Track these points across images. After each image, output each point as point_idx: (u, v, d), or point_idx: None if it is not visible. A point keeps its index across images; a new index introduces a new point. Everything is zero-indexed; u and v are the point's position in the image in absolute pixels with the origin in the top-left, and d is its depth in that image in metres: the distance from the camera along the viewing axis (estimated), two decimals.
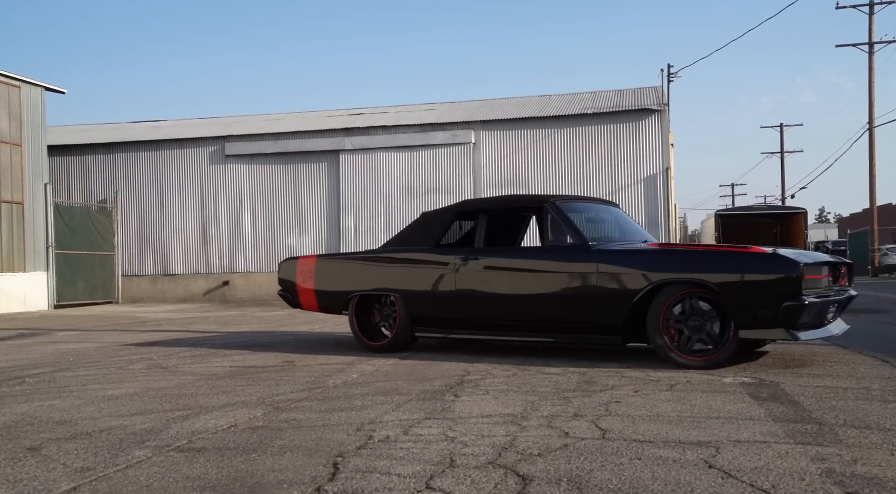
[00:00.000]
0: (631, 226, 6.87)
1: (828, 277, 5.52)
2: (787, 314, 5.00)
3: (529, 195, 6.54)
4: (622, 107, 16.62)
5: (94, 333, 9.83)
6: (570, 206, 6.26)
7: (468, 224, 7.20)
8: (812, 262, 5.25)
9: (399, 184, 17.39)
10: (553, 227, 6.09)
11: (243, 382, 5.22)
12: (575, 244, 5.91)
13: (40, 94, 16.53)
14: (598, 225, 6.64)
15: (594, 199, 7.14)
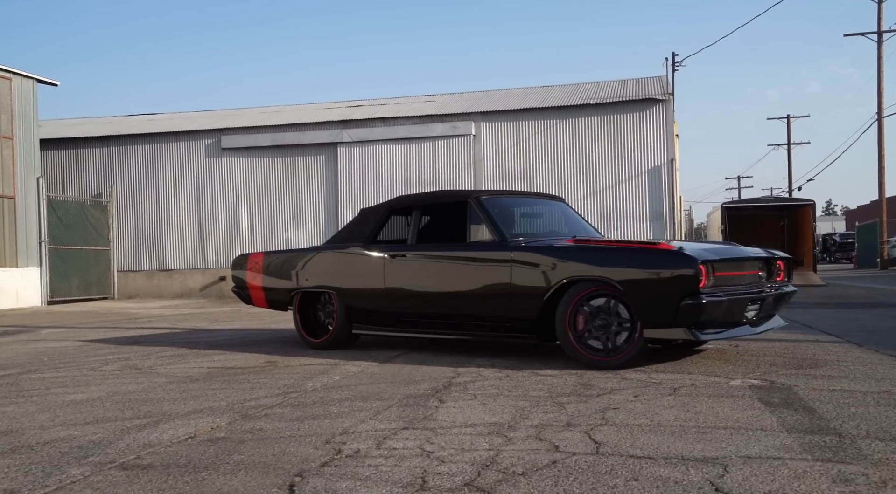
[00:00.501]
0: (576, 222, 6.72)
1: (756, 273, 5.38)
2: (687, 312, 4.80)
3: (458, 190, 6.50)
4: (626, 98, 16.22)
5: (79, 330, 9.53)
6: (494, 202, 6.10)
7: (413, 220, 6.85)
8: (720, 258, 5.05)
9: (398, 177, 17.03)
10: (475, 223, 5.95)
11: (217, 385, 4.89)
12: (493, 240, 5.78)
13: (32, 87, 16.22)
14: (534, 220, 6.57)
15: (535, 195, 7.16)
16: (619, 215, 16.00)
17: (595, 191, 16.16)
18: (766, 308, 5.43)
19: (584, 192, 16.20)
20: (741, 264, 5.30)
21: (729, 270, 5.14)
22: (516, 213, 6.38)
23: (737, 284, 5.19)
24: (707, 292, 4.83)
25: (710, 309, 4.86)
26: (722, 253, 5.24)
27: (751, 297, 5.17)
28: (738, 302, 5.07)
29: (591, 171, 16.24)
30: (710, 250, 5.20)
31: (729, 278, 5.12)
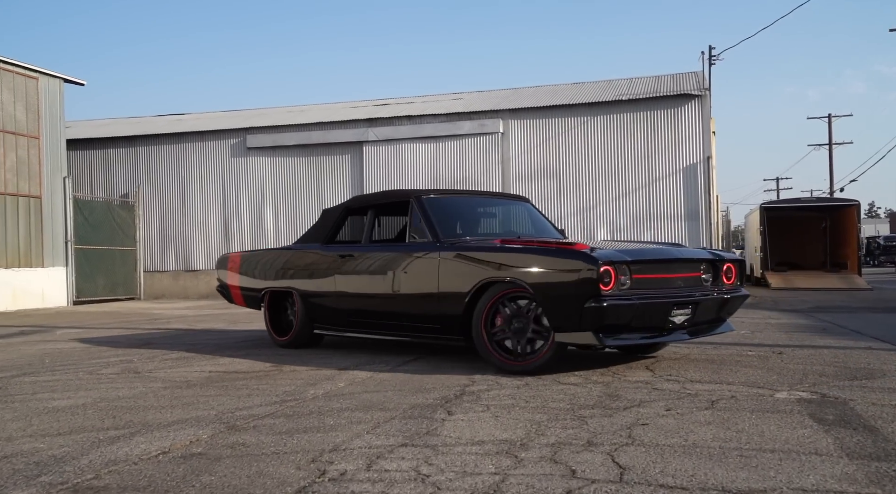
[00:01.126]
0: (539, 223, 6.53)
1: (696, 275, 5.12)
2: (590, 316, 4.56)
3: (404, 190, 6.36)
4: (660, 93, 15.65)
5: (94, 331, 9.31)
6: (434, 202, 5.93)
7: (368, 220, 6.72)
8: (639, 260, 4.81)
9: (424, 176, 16.66)
10: (415, 223, 5.82)
11: (213, 391, 4.54)
12: (428, 240, 5.64)
13: (59, 86, 16.18)
14: (491, 221, 6.44)
15: (495, 194, 6.94)
16: (651, 215, 15.43)
17: (627, 191, 15.61)
18: (702, 313, 5.09)
19: (616, 192, 15.67)
20: (670, 266, 5.03)
21: (653, 272, 4.90)
22: (463, 214, 6.23)
23: (663, 287, 4.92)
24: (612, 295, 4.56)
25: (616, 313, 4.59)
26: (644, 255, 5.01)
27: (677, 302, 4.85)
28: (656, 306, 4.77)
29: (622, 170, 15.70)
30: (630, 251, 4.95)
31: (653, 281, 4.88)
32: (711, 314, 5.23)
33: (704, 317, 5.18)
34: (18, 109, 15.08)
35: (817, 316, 9.93)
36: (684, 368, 5.13)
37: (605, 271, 4.53)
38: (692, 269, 5.14)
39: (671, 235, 15.30)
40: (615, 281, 4.59)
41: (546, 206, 15.97)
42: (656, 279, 4.92)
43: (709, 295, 5.11)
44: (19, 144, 15.07)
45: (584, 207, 15.80)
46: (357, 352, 6.31)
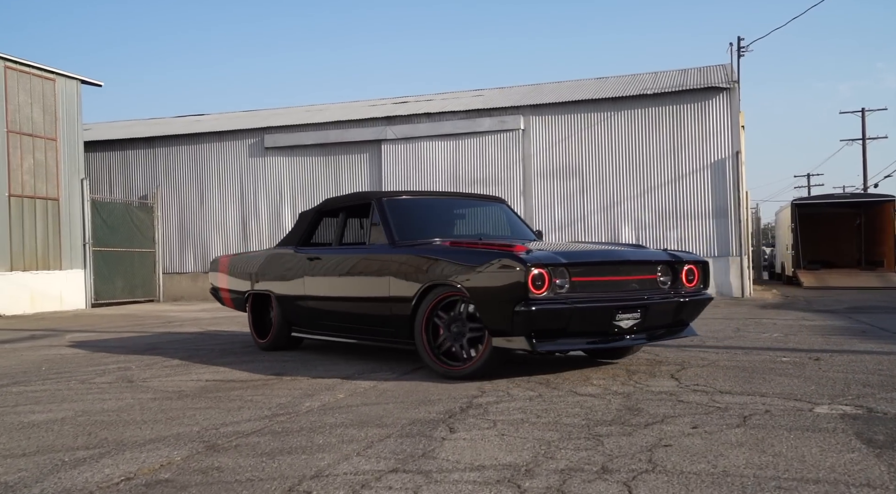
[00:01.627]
0: (514, 224, 6.40)
1: (651, 278, 4.94)
2: (520, 320, 4.37)
3: (369, 191, 6.42)
4: (686, 87, 15.14)
5: (103, 336, 9.11)
6: (395, 203, 5.86)
7: (339, 222, 6.58)
8: (579, 262, 4.63)
9: (443, 175, 16.33)
10: (375, 224, 5.75)
11: (203, 404, 4.25)
12: (384, 242, 5.56)
13: (76, 88, 16.11)
14: (461, 222, 6.30)
15: (468, 195, 6.96)
16: (678, 213, 14.94)
17: (652, 187, 15.13)
18: (655, 317, 4.85)
19: (641, 189, 15.20)
20: (618, 268, 4.86)
21: (597, 275, 4.73)
22: (426, 216, 6.10)
23: (609, 291, 4.74)
24: (545, 299, 4.39)
25: (549, 318, 4.41)
26: (585, 257, 4.85)
27: (622, 306, 4.63)
28: (597, 310, 4.57)
29: (648, 166, 15.22)
30: (570, 253, 4.77)
31: (597, 284, 4.72)
32: (667, 318, 4.97)
33: (659, 322, 4.93)
34: (35, 111, 15.01)
35: (855, 317, 9.43)
36: (712, 376, 4.73)
37: (538, 274, 4.37)
38: (647, 272, 4.96)
39: (698, 233, 14.81)
40: (549, 284, 4.42)
41: (568, 204, 15.56)
42: (601, 282, 4.74)
43: (663, 299, 4.87)
44: (36, 146, 15.00)
45: (608, 205, 15.36)
46: (364, 359, 6.00)
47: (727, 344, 6.56)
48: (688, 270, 5.11)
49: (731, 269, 14.62)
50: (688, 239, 14.86)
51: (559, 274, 4.50)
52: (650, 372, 5.01)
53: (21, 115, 14.65)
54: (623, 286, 4.84)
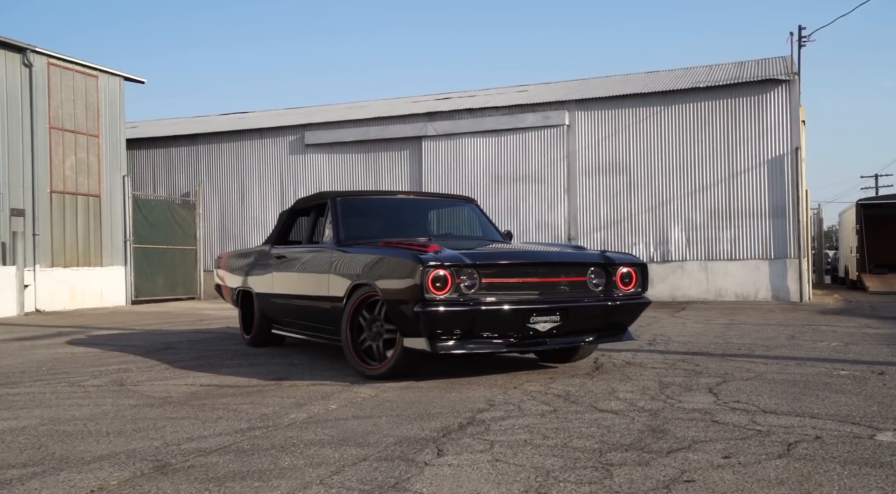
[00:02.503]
0: (483, 225, 6.31)
1: (579, 280, 4.80)
2: (421, 321, 4.30)
3: (330, 191, 6.16)
4: (742, 79, 14.32)
5: (127, 333, 8.91)
6: (348, 202, 5.86)
7: (309, 221, 6.68)
8: (480, 263, 4.45)
9: (485, 172, 15.84)
10: (327, 223, 5.78)
11: (182, 413, 3.87)
12: (331, 241, 5.58)
13: (118, 85, 16.15)
14: (425, 222, 6.20)
15: (433, 195, 6.87)
16: (731, 213, 14.13)
17: (705, 186, 14.36)
18: (578, 320, 4.70)
19: (693, 187, 14.44)
20: (537, 270, 4.69)
21: (512, 276, 4.60)
22: (381, 216, 6.13)
23: (526, 291, 4.60)
24: (447, 300, 4.29)
25: (448, 319, 4.30)
26: (498, 257, 4.74)
27: (538, 308, 4.51)
28: (507, 312, 4.42)
29: (700, 163, 14.45)
30: (481, 254, 4.66)
31: (513, 285, 4.58)
32: (596, 321, 4.82)
33: (585, 325, 4.79)
34: (78, 108, 15.08)
35: None
36: (757, 392, 4.16)
37: (439, 275, 4.29)
38: (575, 274, 4.83)
39: (754, 234, 13.98)
40: (452, 285, 4.33)
41: (615, 203, 14.90)
42: (518, 283, 4.60)
43: (588, 302, 4.73)
44: (78, 143, 15.07)
45: (657, 204, 14.64)
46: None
47: (778, 354, 5.93)
48: (623, 273, 4.94)
49: (789, 272, 13.76)
50: (742, 240, 14.05)
51: (465, 275, 4.39)
52: (686, 384, 4.45)
53: (63, 112, 14.72)
54: (546, 288, 4.68)
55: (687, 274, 14.37)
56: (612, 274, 4.89)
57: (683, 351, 6.22)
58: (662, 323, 9.26)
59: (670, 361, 5.55)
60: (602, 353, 6.06)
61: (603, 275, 4.89)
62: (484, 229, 6.25)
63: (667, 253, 14.54)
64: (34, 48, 14.05)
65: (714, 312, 11.12)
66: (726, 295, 14.08)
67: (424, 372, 5.07)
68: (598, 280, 4.87)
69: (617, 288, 4.89)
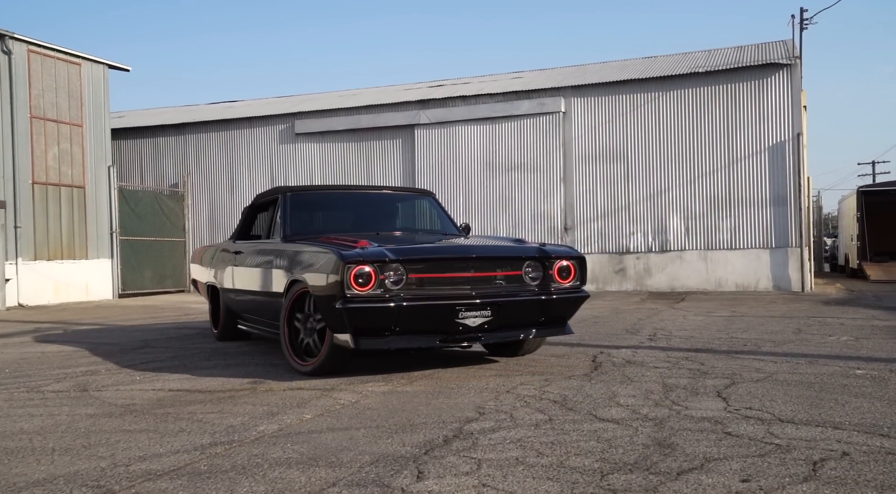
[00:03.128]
0: (440, 219, 6.22)
1: (514, 274, 4.74)
2: (343, 317, 4.28)
3: (283, 187, 6.28)
4: (742, 64, 13.94)
5: (107, 329, 8.56)
6: (298, 197, 5.85)
7: (268, 217, 6.58)
8: (406, 258, 4.40)
9: (479, 161, 15.46)
10: (277, 218, 5.79)
11: (142, 425, 3.53)
12: (279, 237, 5.59)
13: (103, 72, 15.71)
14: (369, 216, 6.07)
15: (390, 189, 6.83)
16: (731, 200, 13.79)
17: (704, 173, 14.01)
18: (510, 315, 4.65)
19: (692, 174, 14.09)
20: (467, 264, 4.63)
21: (441, 271, 4.55)
22: (332, 211, 6.11)
23: (456, 286, 4.53)
24: (369, 297, 4.28)
25: (369, 316, 4.28)
26: (426, 253, 4.74)
27: (466, 303, 4.45)
28: (433, 308, 4.39)
29: (699, 150, 14.09)
30: (408, 249, 4.62)
31: (443, 280, 4.53)
32: (531, 316, 4.75)
33: (518, 320, 4.74)
34: (60, 96, 14.65)
35: None
36: (770, 396, 3.83)
37: (361, 271, 4.27)
38: (510, 267, 4.76)
39: (754, 222, 13.64)
40: (375, 281, 4.31)
41: (612, 192, 14.55)
42: (447, 278, 4.55)
43: (523, 296, 4.66)
44: (61, 133, 14.65)
45: (655, 192, 14.30)
46: (363, 362, 5.23)
47: (787, 351, 5.60)
48: (561, 266, 4.86)
49: (790, 261, 13.44)
50: (742, 228, 13.72)
51: (391, 271, 4.35)
52: (692, 387, 4.12)
53: (45, 101, 14.30)
54: (479, 282, 4.62)
55: (686, 264, 14.05)
56: (549, 268, 4.82)
57: (686, 347, 5.90)
58: (662, 315, 8.94)
59: (673, 359, 5.23)
60: (601, 351, 5.73)
61: (539, 269, 4.81)
62: (441, 223, 6.19)
63: (665, 243, 14.21)
64: (13, 35, 13.61)
65: (714, 303, 10.81)
66: (726, 285, 13.76)
67: (412, 374, 4.74)
68: (534, 273, 4.80)
69: (554, 281, 4.83)
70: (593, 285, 14.61)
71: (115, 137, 17.20)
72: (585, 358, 5.34)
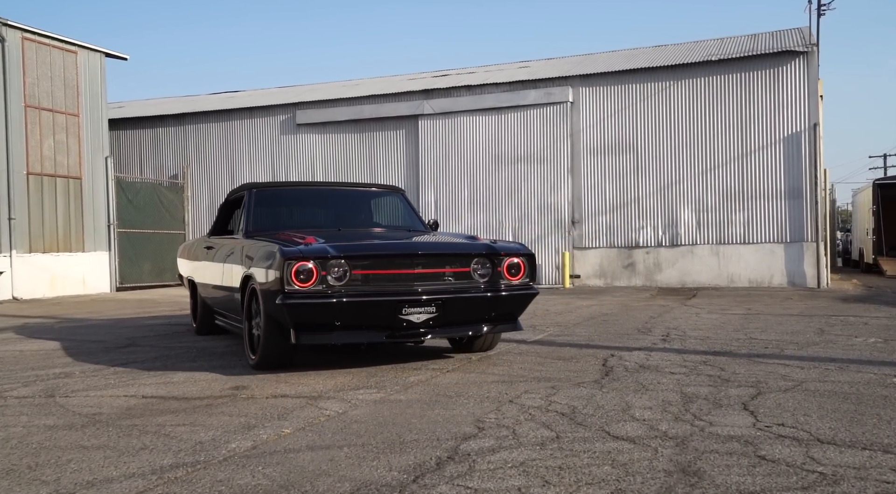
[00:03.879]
0: (407, 215, 6.28)
1: (462, 270, 4.76)
2: (283, 313, 4.33)
3: (251, 183, 6.23)
4: (757, 52, 13.47)
5: (95, 326, 8.22)
6: (262, 194, 5.93)
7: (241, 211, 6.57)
8: (349, 255, 4.44)
9: (484, 152, 15.06)
10: (241, 214, 5.87)
11: (101, 440, 3.17)
12: (241, 233, 5.65)
13: (100, 61, 15.34)
14: (335, 213, 6.16)
15: (357, 186, 6.98)
16: (745, 193, 13.36)
17: (716, 165, 13.56)
18: (456, 311, 4.65)
19: (704, 166, 13.65)
20: (413, 261, 4.65)
21: (386, 268, 4.59)
22: (296, 207, 6.16)
23: (401, 284, 4.57)
24: (310, 293, 4.30)
25: (308, 312, 4.33)
26: (370, 250, 4.75)
27: (410, 300, 4.48)
28: (375, 304, 4.43)
29: (712, 141, 13.65)
30: (347, 246, 4.56)
31: (389, 276, 4.57)
32: (478, 312, 4.77)
33: (464, 316, 4.75)
34: (56, 85, 14.30)
35: None
36: (802, 409, 3.43)
37: (302, 267, 4.30)
38: (458, 264, 4.77)
39: (768, 216, 13.21)
40: (317, 277, 4.33)
41: (621, 184, 14.13)
42: (393, 274, 4.58)
43: (469, 293, 4.68)
44: (57, 122, 14.30)
45: (665, 184, 13.87)
46: (355, 367, 4.86)
47: (812, 354, 5.20)
48: (510, 263, 4.86)
49: (806, 256, 13.00)
50: (756, 222, 13.28)
51: (333, 267, 4.37)
52: (714, 398, 3.73)
53: (40, 90, 13.95)
54: (426, 279, 4.63)
55: (697, 259, 13.63)
56: (498, 265, 4.83)
57: (703, 349, 5.51)
58: (674, 313, 8.54)
59: (690, 363, 4.84)
60: (611, 353, 5.35)
61: (488, 266, 4.82)
62: (409, 219, 6.23)
63: (676, 237, 13.78)
64: (6, 22, 13.25)
65: (727, 300, 10.40)
66: (739, 280, 13.34)
67: (408, 380, 4.37)
68: (483, 270, 4.81)
69: (503, 278, 4.82)
70: (601, 280, 14.21)
71: (114, 128, 16.87)
72: (595, 362, 4.96)
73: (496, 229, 14.86)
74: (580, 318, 8.13)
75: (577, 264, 14.38)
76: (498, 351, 5.52)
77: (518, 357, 5.27)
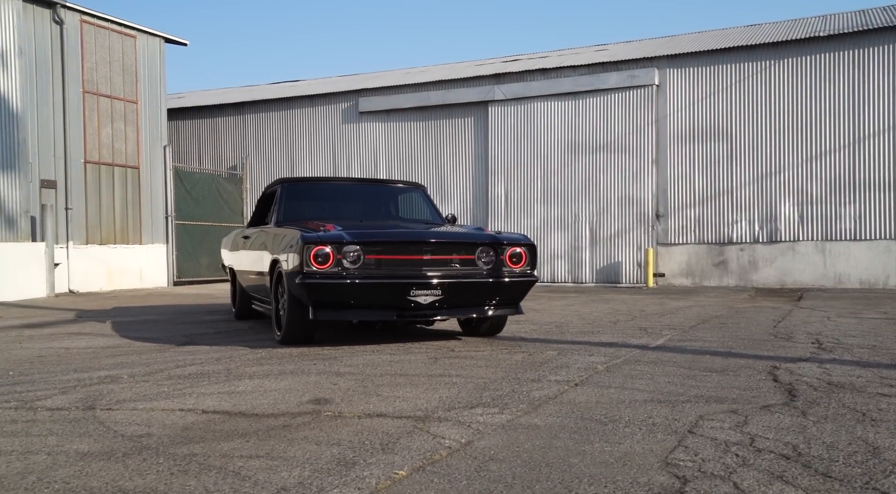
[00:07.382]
0: (426, 209, 6.69)
1: (467, 258, 5.18)
2: (303, 291, 4.83)
3: (285, 177, 6.81)
4: (872, 26, 12.11)
5: (153, 321, 7.50)
6: (294, 187, 6.47)
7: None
8: (364, 241, 4.89)
9: (560, 139, 14.00)
10: (274, 205, 6.29)
11: (149, 479, 2.29)
12: (273, 222, 6.08)
13: (159, 46, 14.80)
14: (360, 206, 6.58)
15: (381, 181, 7.78)
16: (857, 183, 12.01)
17: (823, 152, 12.25)
18: (460, 295, 5.08)
19: (808, 154, 12.35)
20: (421, 248, 5.09)
21: (397, 253, 5.04)
22: (326, 200, 6.60)
23: (410, 267, 5.00)
24: (327, 274, 4.76)
25: (326, 291, 4.82)
26: (384, 237, 5.17)
27: (417, 283, 4.91)
28: (386, 286, 4.90)
29: (818, 126, 12.33)
30: (362, 233, 4.99)
31: (399, 261, 5.02)
32: (482, 296, 5.19)
33: (468, 299, 5.17)
34: (114, 71, 13.77)
35: None
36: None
37: (320, 251, 4.75)
38: (464, 252, 5.20)
39: (883, 209, 11.84)
40: (334, 260, 4.78)
41: (713, 174, 12.92)
42: (403, 260, 5.03)
43: (473, 278, 5.09)
44: (115, 109, 13.78)
45: (763, 174, 12.61)
46: (453, 374, 3.93)
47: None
48: (512, 253, 5.27)
49: None
50: (869, 216, 11.93)
51: (349, 252, 4.83)
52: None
53: (98, 75, 13.44)
54: (434, 264, 5.04)
55: (799, 257, 12.33)
56: (501, 254, 5.24)
57: (887, 362, 4.41)
58: (797, 316, 7.39)
59: (892, 379, 3.76)
60: (774, 365, 4.29)
61: (492, 254, 5.23)
62: (428, 213, 6.67)
63: (775, 232, 12.51)
64: (65, 3, 12.74)
65: (845, 302, 9.16)
66: (848, 281, 12.00)
67: (532, 395, 3.41)
68: (486, 258, 5.22)
69: (506, 266, 5.24)
70: (688, 279, 13.03)
71: (172, 117, 16.35)
72: (760, 376, 3.92)
73: (571, 223, 13.82)
74: (691, 320, 7.07)
75: (660, 261, 13.23)
76: (625, 360, 4.53)
77: (652, 367, 4.27)
